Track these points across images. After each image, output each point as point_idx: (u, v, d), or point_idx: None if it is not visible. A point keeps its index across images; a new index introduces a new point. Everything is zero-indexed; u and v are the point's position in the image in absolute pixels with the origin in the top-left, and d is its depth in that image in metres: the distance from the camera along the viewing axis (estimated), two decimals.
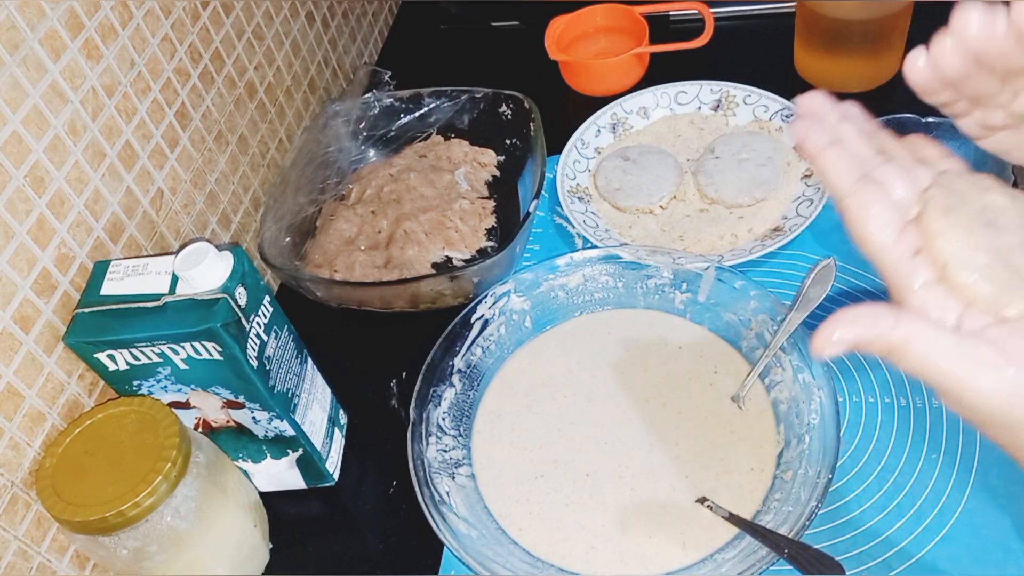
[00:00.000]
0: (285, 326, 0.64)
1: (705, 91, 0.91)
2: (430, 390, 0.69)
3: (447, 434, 0.68)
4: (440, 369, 0.70)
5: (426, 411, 0.67)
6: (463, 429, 0.70)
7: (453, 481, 0.65)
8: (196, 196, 0.74)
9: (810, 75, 0.93)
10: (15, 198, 0.55)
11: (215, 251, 0.56)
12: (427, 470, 0.64)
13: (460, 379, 0.71)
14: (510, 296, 0.74)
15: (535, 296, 0.75)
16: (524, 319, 0.75)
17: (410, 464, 0.63)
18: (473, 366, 0.72)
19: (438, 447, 0.67)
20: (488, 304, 0.73)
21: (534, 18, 1.05)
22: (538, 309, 0.75)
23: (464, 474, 0.67)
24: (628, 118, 0.91)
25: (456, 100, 0.92)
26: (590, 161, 0.89)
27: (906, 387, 0.68)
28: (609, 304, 0.76)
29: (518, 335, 0.75)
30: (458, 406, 0.70)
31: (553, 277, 0.75)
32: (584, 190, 0.87)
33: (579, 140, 0.89)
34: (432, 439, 0.67)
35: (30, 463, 0.56)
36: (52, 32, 0.58)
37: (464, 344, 0.72)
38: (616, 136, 0.91)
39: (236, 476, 0.62)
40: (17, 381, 0.55)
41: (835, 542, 0.61)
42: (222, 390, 0.60)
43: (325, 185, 0.89)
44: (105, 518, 0.51)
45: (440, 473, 0.65)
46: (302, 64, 0.93)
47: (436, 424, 0.68)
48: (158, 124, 0.69)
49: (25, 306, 0.56)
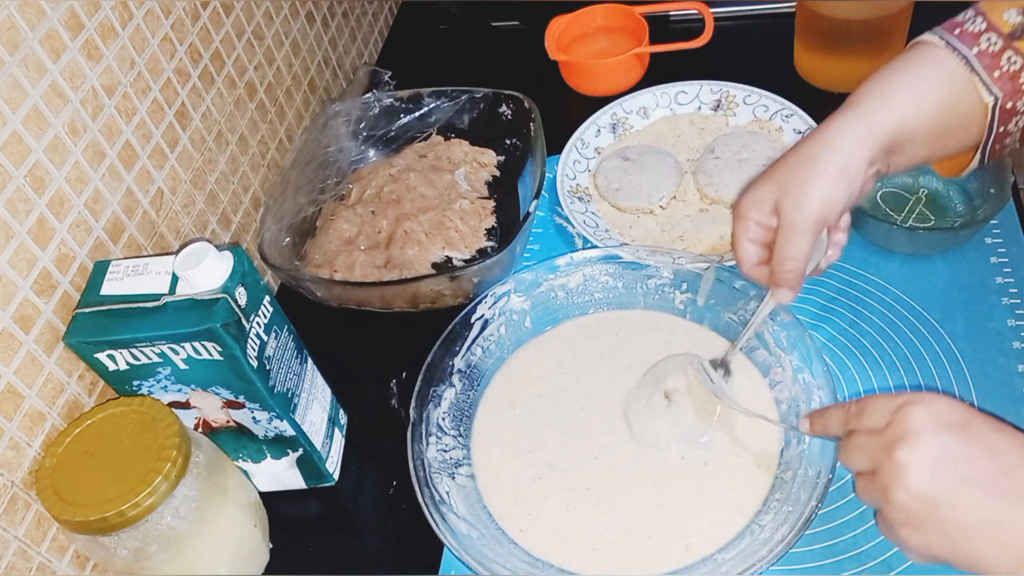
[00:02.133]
0: (285, 326, 0.64)
1: (705, 91, 0.91)
2: (430, 390, 0.68)
3: (447, 434, 0.68)
4: (440, 369, 0.70)
5: (426, 411, 0.67)
6: (463, 429, 0.70)
7: (453, 481, 0.65)
8: (196, 196, 0.74)
9: (810, 75, 0.93)
10: (15, 198, 0.55)
11: (215, 251, 0.56)
12: (427, 470, 0.64)
13: (460, 379, 0.71)
14: (510, 296, 0.74)
15: (535, 296, 0.75)
16: (524, 319, 0.75)
17: (410, 464, 0.63)
18: (473, 366, 0.72)
19: (438, 447, 0.67)
20: (488, 304, 0.73)
21: (534, 18, 1.05)
22: (538, 309, 0.75)
23: (464, 474, 0.67)
24: (628, 118, 0.91)
25: (456, 100, 0.92)
26: (590, 161, 0.89)
27: (906, 387, 0.68)
28: (609, 304, 0.76)
29: (518, 335, 0.75)
30: (458, 406, 0.70)
31: (553, 277, 0.75)
32: (584, 190, 0.87)
33: (579, 140, 0.89)
34: (432, 439, 0.67)
35: (30, 463, 0.56)
36: (52, 32, 0.58)
37: (464, 344, 0.72)
38: (616, 136, 0.91)
39: (236, 476, 0.62)
40: (17, 381, 0.55)
41: (835, 542, 0.61)
42: (222, 390, 0.60)
43: (325, 185, 0.89)
44: (105, 518, 0.51)
45: (440, 473, 0.65)
46: (302, 64, 0.93)
47: (436, 424, 0.68)
48: (158, 124, 0.69)
49: (25, 306, 0.56)
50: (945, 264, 0.75)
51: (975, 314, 0.71)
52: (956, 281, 0.74)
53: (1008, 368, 0.67)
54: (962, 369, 0.68)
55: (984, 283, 0.73)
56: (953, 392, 0.67)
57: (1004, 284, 0.72)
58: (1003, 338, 0.69)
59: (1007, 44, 0.55)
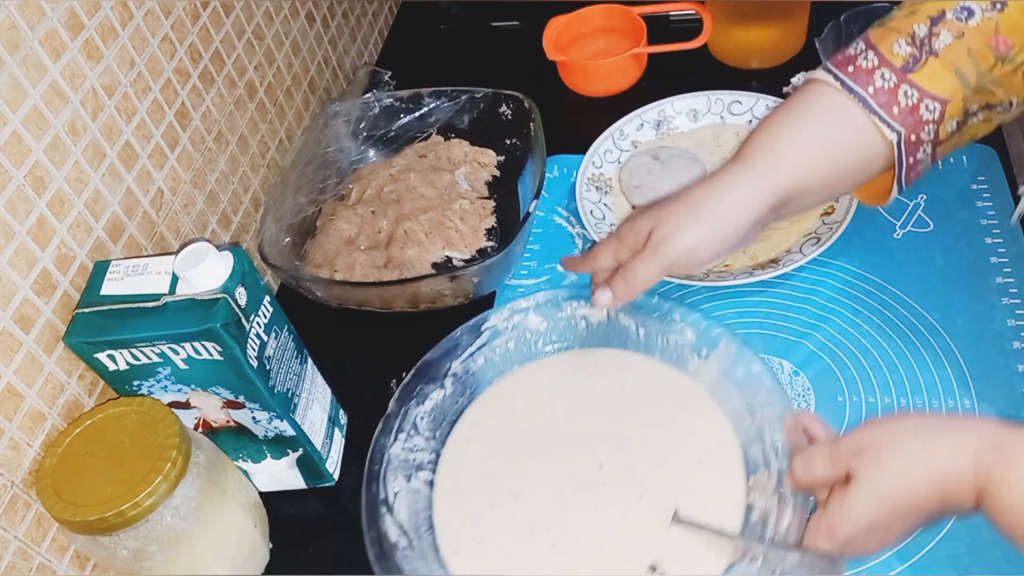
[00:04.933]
0: (285, 326, 0.64)
1: (760, 105, 0.88)
2: (418, 386, 0.67)
3: (420, 434, 0.66)
4: (435, 368, 0.68)
5: (406, 407, 0.66)
6: (439, 434, 0.67)
7: (407, 483, 0.63)
8: (196, 196, 0.74)
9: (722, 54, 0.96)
10: (15, 198, 0.55)
11: (215, 251, 0.56)
12: (384, 465, 0.62)
13: (454, 383, 0.69)
14: (528, 313, 0.71)
15: (555, 319, 0.71)
16: (537, 340, 0.71)
17: (368, 456, 0.62)
18: (471, 373, 0.70)
19: (405, 445, 0.65)
20: (504, 316, 0.71)
21: (534, 18, 1.05)
22: (554, 333, 0.72)
23: (423, 479, 0.65)
24: (676, 118, 0.89)
25: (456, 100, 0.92)
26: (624, 153, 0.88)
27: (906, 387, 0.68)
28: (627, 345, 0.71)
29: (526, 353, 0.72)
30: (442, 409, 0.68)
31: (577, 304, 0.70)
32: (606, 181, 0.86)
33: (618, 131, 0.88)
34: (402, 435, 0.65)
35: (30, 463, 0.56)
36: (52, 32, 0.58)
37: (467, 350, 0.70)
38: (659, 134, 0.89)
39: (236, 476, 0.62)
40: (17, 381, 0.55)
41: None
42: (222, 390, 0.60)
43: (325, 185, 0.89)
44: (105, 518, 0.51)
45: (396, 472, 0.63)
46: (302, 64, 0.93)
47: (412, 422, 0.66)
48: (158, 124, 0.69)
49: (25, 306, 0.56)
50: (945, 264, 0.75)
51: (975, 314, 0.71)
52: (956, 281, 0.74)
53: (1008, 368, 0.67)
54: (962, 369, 0.68)
55: (984, 283, 0.73)
56: (953, 392, 0.67)
57: (1004, 284, 0.72)
58: (1003, 338, 0.69)
59: (901, 78, 0.55)
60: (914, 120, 0.56)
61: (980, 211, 0.78)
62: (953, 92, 0.56)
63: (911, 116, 0.56)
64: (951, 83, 0.55)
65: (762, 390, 0.63)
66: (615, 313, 0.69)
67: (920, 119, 0.56)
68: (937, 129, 0.56)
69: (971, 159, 0.82)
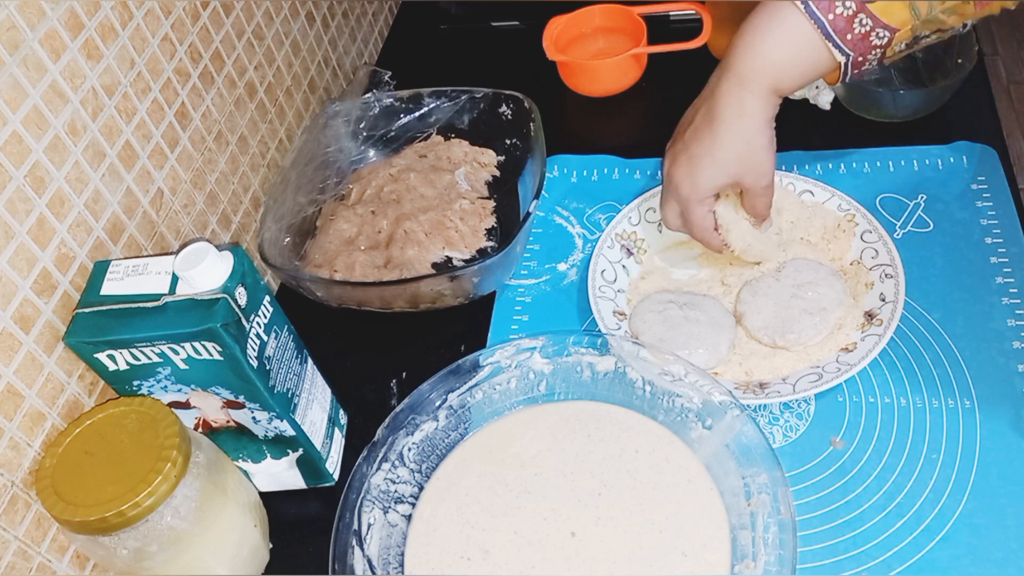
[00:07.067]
0: (285, 326, 0.64)
1: (834, 201, 0.78)
2: (409, 416, 0.65)
3: (406, 466, 0.65)
4: (431, 398, 0.67)
5: (395, 436, 0.65)
6: (424, 467, 0.66)
7: (384, 516, 0.63)
8: (196, 196, 0.74)
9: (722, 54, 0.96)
10: (15, 198, 0.55)
11: (215, 251, 0.56)
12: (361, 495, 0.61)
13: (448, 416, 0.68)
14: (534, 354, 0.69)
15: (560, 364, 0.69)
16: (540, 382, 0.69)
17: (346, 484, 0.61)
18: (467, 408, 0.68)
19: (388, 476, 0.64)
20: (508, 353, 0.69)
21: (534, 18, 1.05)
22: (558, 377, 0.69)
23: (401, 512, 0.64)
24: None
25: (456, 100, 0.92)
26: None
27: (906, 387, 0.68)
28: (630, 404, 0.68)
29: (527, 395, 0.70)
30: (432, 442, 0.67)
31: (585, 351, 0.68)
32: (639, 243, 0.80)
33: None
34: (386, 465, 0.64)
35: (30, 463, 0.56)
36: (52, 32, 0.58)
37: (466, 383, 0.68)
38: None
39: (236, 476, 0.62)
40: (17, 381, 0.55)
41: (835, 542, 0.61)
42: (222, 390, 0.60)
43: (325, 185, 0.89)
44: (105, 518, 0.51)
45: (374, 503, 0.62)
46: (302, 64, 0.93)
47: (399, 452, 0.65)
48: (158, 124, 0.69)
49: (25, 306, 0.56)
50: (945, 264, 0.75)
51: (975, 314, 0.71)
52: (956, 281, 0.74)
53: (1008, 368, 0.67)
54: (962, 369, 0.68)
55: (984, 283, 0.73)
56: (953, 392, 0.67)
57: (1004, 284, 0.72)
58: (1003, 338, 0.69)
59: (860, 7, 0.60)
60: (864, 46, 0.62)
61: (980, 211, 0.78)
62: (903, 23, 0.61)
63: (862, 43, 0.62)
64: (903, 15, 0.60)
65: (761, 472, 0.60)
66: (623, 366, 0.68)
67: (869, 44, 0.62)
68: (884, 51, 0.63)
69: (971, 159, 0.82)
